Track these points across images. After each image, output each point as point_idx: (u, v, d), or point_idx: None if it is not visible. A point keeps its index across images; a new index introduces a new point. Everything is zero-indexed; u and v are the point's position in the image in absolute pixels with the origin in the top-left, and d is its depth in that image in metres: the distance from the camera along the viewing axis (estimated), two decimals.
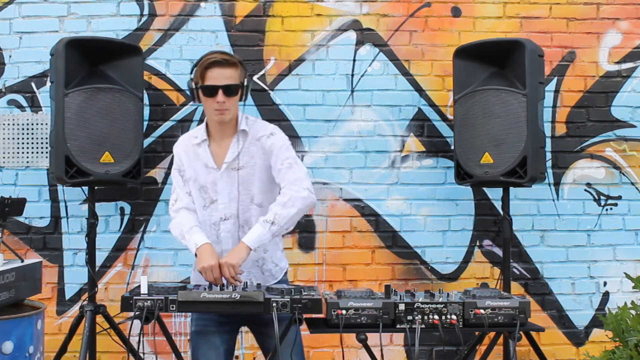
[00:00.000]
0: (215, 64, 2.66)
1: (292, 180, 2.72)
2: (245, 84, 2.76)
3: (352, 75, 3.93)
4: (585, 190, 3.99)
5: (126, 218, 3.86)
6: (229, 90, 2.68)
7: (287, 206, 2.67)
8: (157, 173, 3.87)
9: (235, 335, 2.84)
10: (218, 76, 2.67)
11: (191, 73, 2.77)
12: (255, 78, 3.86)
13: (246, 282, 2.64)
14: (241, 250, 2.62)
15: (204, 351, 2.74)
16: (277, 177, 2.77)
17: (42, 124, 3.83)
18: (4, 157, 3.83)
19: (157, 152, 3.87)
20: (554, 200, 3.98)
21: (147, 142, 3.81)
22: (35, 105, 3.84)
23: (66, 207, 3.85)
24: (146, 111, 3.78)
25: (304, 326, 2.58)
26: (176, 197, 2.90)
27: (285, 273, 2.95)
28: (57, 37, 3.45)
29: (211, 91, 2.68)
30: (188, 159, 2.84)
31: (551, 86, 3.95)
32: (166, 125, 3.88)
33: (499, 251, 3.89)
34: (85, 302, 3.55)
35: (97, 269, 3.66)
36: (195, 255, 2.70)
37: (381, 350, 2.55)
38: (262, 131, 2.81)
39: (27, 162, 3.83)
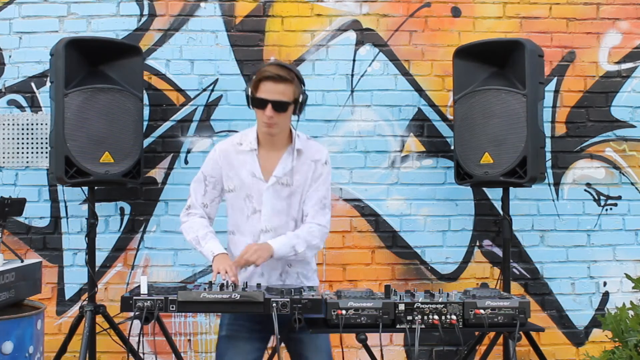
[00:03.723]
0: (269, 79, 2.63)
1: (323, 230, 2.79)
2: (301, 99, 2.71)
3: (352, 75, 3.93)
4: (585, 190, 3.99)
5: (126, 218, 3.86)
6: (279, 106, 2.64)
7: (310, 249, 2.76)
8: (157, 173, 3.87)
9: (265, 345, 2.78)
10: (270, 90, 2.63)
11: (250, 79, 2.73)
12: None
13: (246, 282, 2.64)
14: (269, 253, 2.63)
15: (231, 357, 2.69)
16: (307, 205, 2.78)
17: (42, 124, 3.83)
18: (4, 157, 3.83)
19: (157, 152, 3.87)
20: (554, 200, 3.98)
21: (147, 142, 3.81)
22: (35, 105, 3.85)
23: (66, 207, 3.85)
24: (146, 111, 3.78)
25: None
26: (190, 204, 2.86)
27: None
28: (57, 37, 3.45)
29: (261, 104, 2.65)
30: (231, 167, 2.78)
31: (551, 86, 3.96)
32: (166, 125, 3.88)
33: (499, 251, 3.89)
34: (85, 302, 3.55)
35: (97, 269, 3.66)
36: (212, 261, 2.70)
37: (381, 350, 2.55)
38: (319, 154, 2.81)
39: (27, 162, 3.84)
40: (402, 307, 2.49)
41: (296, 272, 2.81)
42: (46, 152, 3.80)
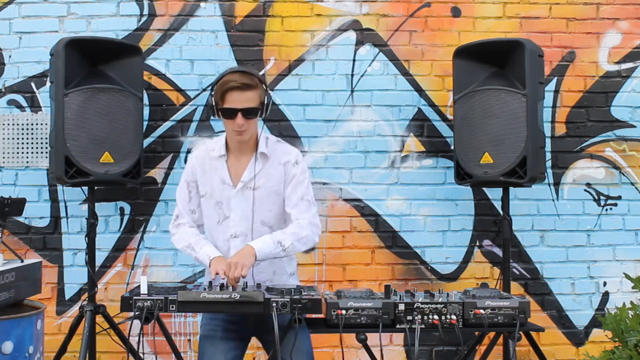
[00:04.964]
0: (235, 89, 2.63)
1: (313, 222, 2.77)
2: (266, 101, 2.72)
3: (352, 75, 3.93)
4: (585, 190, 3.99)
5: (126, 218, 3.86)
6: (248, 113, 2.66)
7: (302, 242, 2.72)
8: (157, 173, 3.87)
9: (245, 344, 2.80)
10: (237, 99, 2.64)
11: (212, 90, 2.72)
12: None
13: (246, 282, 2.64)
14: (251, 255, 2.62)
15: (210, 355, 2.72)
16: (289, 206, 2.78)
17: (42, 124, 3.83)
18: (4, 157, 3.83)
19: (157, 152, 3.87)
20: (553, 200, 3.98)
21: (147, 142, 3.81)
22: (35, 105, 3.85)
23: (66, 207, 3.85)
24: (146, 111, 3.78)
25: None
26: (178, 213, 2.89)
27: None
28: (57, 37, 3.45)
29: (230, 114, 2.66)
30: (204, 173, 2.81)
31: (551, 86, 3.96)
32: (166, 125, 3.88)
33: (498, 251, 3.89)
34: (85, 302, 3.55)
35: (97, 269, 3.66)
36: (209, 265, 2.70)
37: (381, 350, 2.55)
38: (287, 156, 2.80)
39: (27, 162, 3.84)
40: (402, 307, 2.50)
41: (267, 274, 2.79)
42: (46, 152, 3.80)
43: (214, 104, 2.70)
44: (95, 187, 3.55)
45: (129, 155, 3.42)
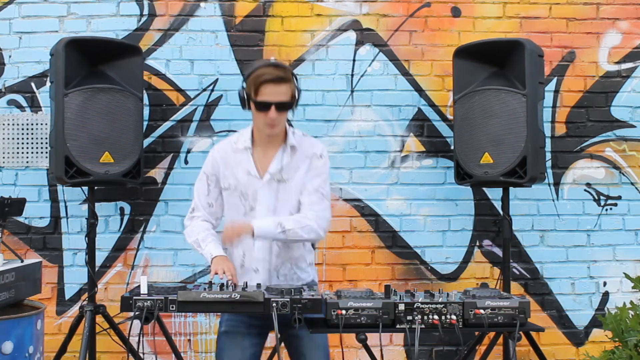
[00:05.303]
0: (270, 81, 2.63)
1: (320, 215, 2.75)
2: (297, 96, 2.73)
3: (352, 75, 3.93)
4: (585, 190, 3.99)
5: (126, 218, 3.86)
6: (282, 107, 2.67)
7: (304, 230, 2.71)
8: (157, 173, 3.87)
9: (264, 340, 2.80)
10: (272, 92, 2.63)
11: (244, 81, 2.71)
12: None
13: (246, 282, 2.64)
14: (248, 228, 2.64)
15: (230, 351, 2.71)
16: (303, 195, 2.77)
17: (42, 124, 3.83)
18: (4, 157, 3.83)
19: (157, 152, 3.87)
20: (553, 200, 3.98)
21: (147, 142, 3.81)
22: (35, 105, 3.85)
23: (66, 207, 3.85)
24: (146, 111, 3.78)
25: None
26: (194, 206, 2.87)
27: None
28: (57, 37, 3.45)
29: (264, 107, 2.65)
30: (226, 166, 2.80)
31: (551, 86, 3.96)
32: (166, 125, 3.88)
33: (498, 251, 3.89)
34: (85, 302, 3.56)
35: (97, 269, 3.66)
36: (211, 263, 2.71)
37: (381, 350, 2.55)
38: (313, 149, 2.81)
39: (27, 162, 3.84)
40: (402, 307, 2.49)
41: (290, 262, 2.79)
42: (46, 152, 3.80)
43: (245, 96, 2.70)
44: (95, 187, 3.55)
45: (129, 155, 3.42)
